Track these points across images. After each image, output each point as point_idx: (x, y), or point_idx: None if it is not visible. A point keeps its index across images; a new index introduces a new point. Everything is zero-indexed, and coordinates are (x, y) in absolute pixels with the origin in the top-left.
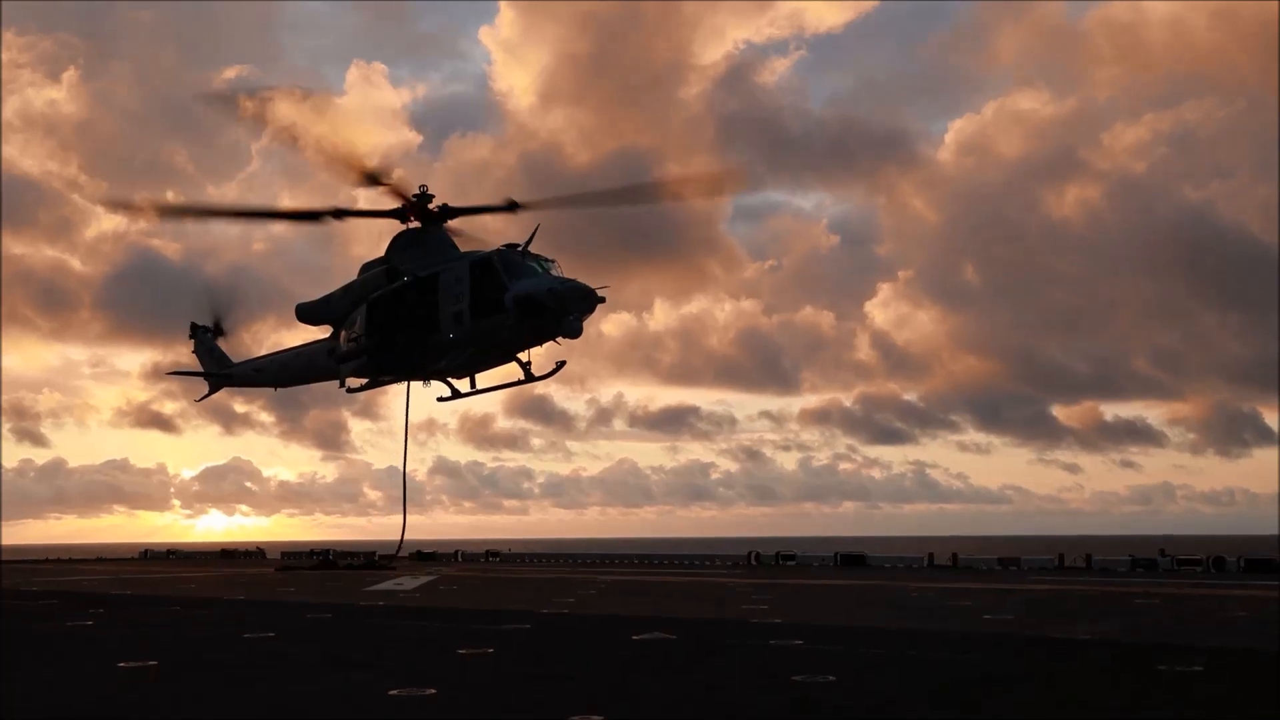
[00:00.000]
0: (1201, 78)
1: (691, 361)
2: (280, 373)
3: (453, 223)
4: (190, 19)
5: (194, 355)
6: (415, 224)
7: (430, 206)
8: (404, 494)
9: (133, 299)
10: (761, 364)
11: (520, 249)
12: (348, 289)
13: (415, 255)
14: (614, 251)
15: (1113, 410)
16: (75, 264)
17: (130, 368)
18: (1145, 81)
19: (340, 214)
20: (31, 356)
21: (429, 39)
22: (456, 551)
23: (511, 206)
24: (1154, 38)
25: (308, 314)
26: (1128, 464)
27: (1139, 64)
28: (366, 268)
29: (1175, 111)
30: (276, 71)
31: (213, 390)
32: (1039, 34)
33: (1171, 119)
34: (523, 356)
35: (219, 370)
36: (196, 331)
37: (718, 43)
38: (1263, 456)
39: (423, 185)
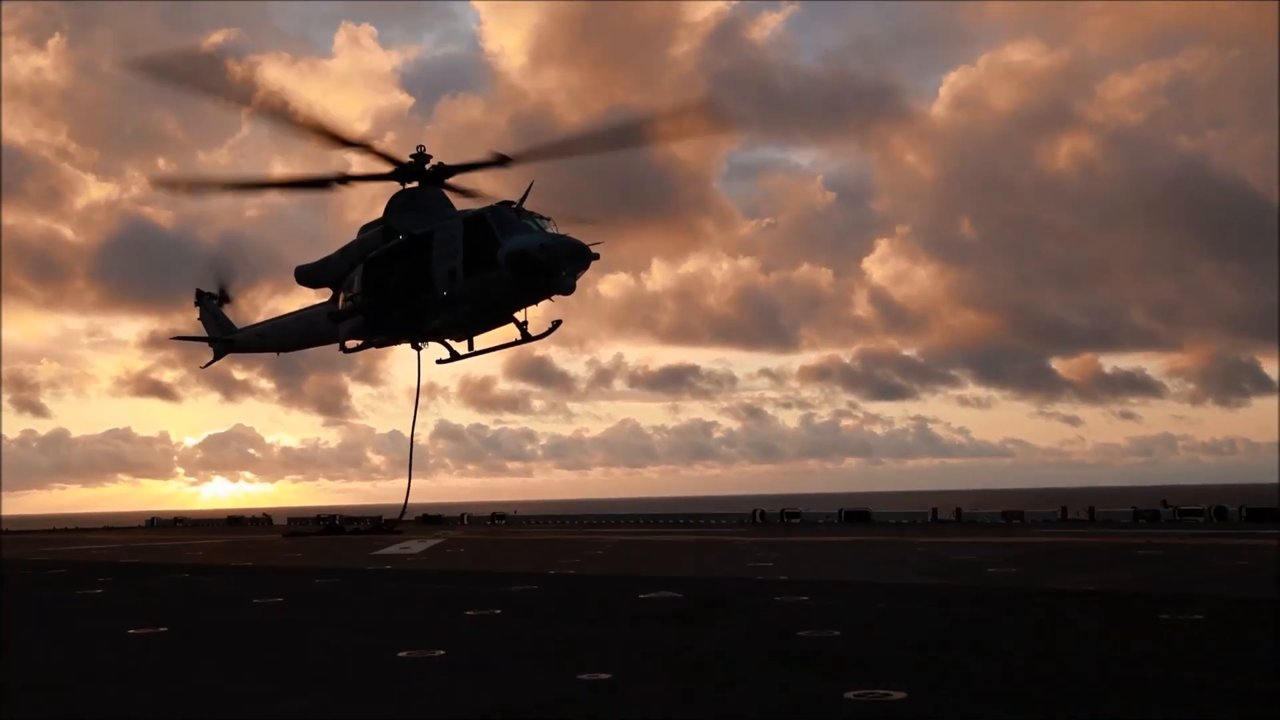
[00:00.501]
0: (1195, 27)
1: (690, 321)
2: (282, 336)
3: (452, 181)
4: None
5: (199, 322)
6: (414, 185)
7: (427, 167)
8: (410, 456)
9: (127, 267)
10: (760, 322)
11: (515, 206)
12: (346, 250)
13: (412, 215)
14: (610, 212)
15: (1111, 362)
16: (68, 233)
17: (128, 336)
18: (1138, 32)
19: (345, 179)
20: (29, 327)
21: (419, 1)
22: (463, 514)
23: (502, 161)
24: None
25: (307, 276)
26: (1128, 415)
27: (1131, 14)
28: (365, 229)
29: (1170, 62)
30: (264, 35)
31: (218, 356)
32: None
33: (1167, 69)
34: (519, 316)
35: (224, 336)
36: (202, 298)
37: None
38: (1262, 405)
39: (420, 146)
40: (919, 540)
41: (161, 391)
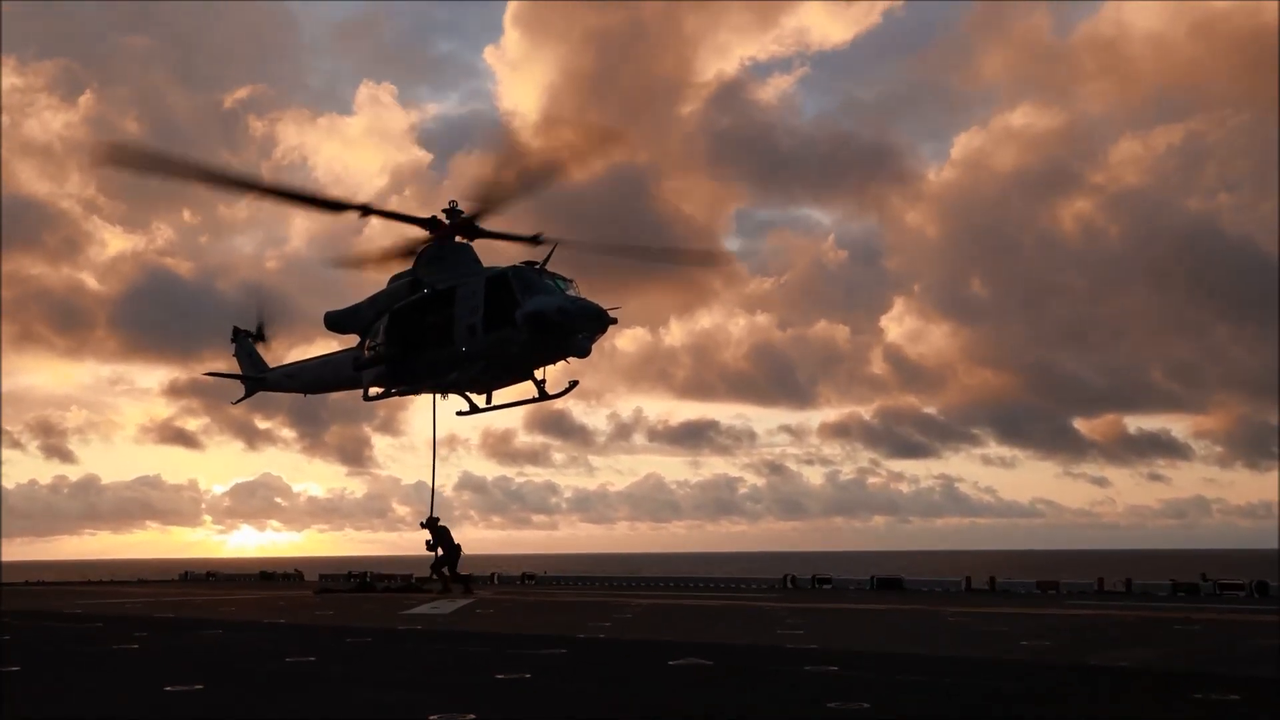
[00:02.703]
0: (1198, 92)
1: (707, 376)
2: (309, 379)
3: (482, 229)
4: (201, 40)
5: (234, 358)
6: (444, 238)
7: (459, 222)
8: (432, 503)
9: (150, 317)
10: (777, 378)
11: (538, 267)
12: (374, 299)
13: (439, 268)
14: (624, 269)
15: (1135, 423)
16: (92, 282)
17: (150, 384)
18: (1142, 96)
19: (367, 210)
20: (58, 373)
21: (444, 60)
22: (493, 574)
23: (535, 239)
24: (1143, 53)
25: (336, 323)
26: (1156, 477)
27: (1130, 79)
28: (394, 279)
29: (1183, 125)
30: (291, 92)
31: (249, 393)
32: (1030, 51)
33: (1180, 132)
34: (537, 374)
35: (256, 374)
36: (238, 335)
37: (722, 60)
38: None
39: (452, 201)
40: (951, 610)
41: (185, 439)
